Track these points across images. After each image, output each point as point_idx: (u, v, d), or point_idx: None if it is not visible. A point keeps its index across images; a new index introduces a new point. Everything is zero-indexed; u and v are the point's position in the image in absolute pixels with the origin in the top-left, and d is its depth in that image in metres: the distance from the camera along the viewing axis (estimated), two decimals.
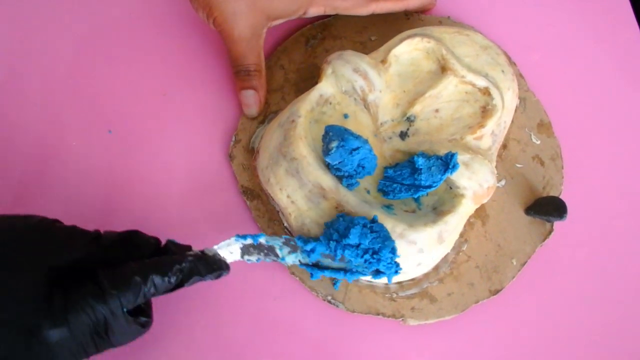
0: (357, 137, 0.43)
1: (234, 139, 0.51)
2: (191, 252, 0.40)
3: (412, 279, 0.47)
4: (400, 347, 0.47)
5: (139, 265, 0.37)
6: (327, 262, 0.42)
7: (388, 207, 0.45)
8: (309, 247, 0.42)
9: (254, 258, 0.42)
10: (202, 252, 0.40)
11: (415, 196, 0.45)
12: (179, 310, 0.47)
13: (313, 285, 0.47)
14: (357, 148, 0.43)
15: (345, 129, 0.44)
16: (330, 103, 0.47)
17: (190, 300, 0.47)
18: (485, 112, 0.47)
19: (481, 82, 0.47)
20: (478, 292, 0.48)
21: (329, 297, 0.47)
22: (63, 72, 0.52)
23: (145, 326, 0.38)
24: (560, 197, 0.50)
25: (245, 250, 0.41)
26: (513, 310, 0.48)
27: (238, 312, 0.47)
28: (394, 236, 0.42)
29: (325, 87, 0.46)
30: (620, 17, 0.57)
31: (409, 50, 0.48)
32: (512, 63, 0.54)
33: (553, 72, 0.55)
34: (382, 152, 0.47)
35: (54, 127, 0.50)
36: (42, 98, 0.51)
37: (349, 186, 0.44)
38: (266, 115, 0.51)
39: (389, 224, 0.43)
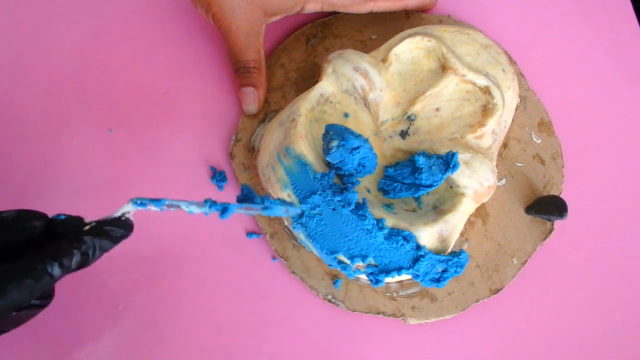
0: (358, 136, 0.43)
1: (234, 138, 0.51)
2: (87, 227, 0.36)
3: None
4: (400, 346, 0.47)
5: (32, 259, 0.33)
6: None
7: (388, 206, 0.45)
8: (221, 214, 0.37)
9: (156, 208, 0.37)
10: (98, 222, 0.36)
11: (416, 195, 0.45)
12: (179, 311, 0.47)
13: (313, 285, 0.47)
14: (358, 147, 0.43)
15: (346, 128, 0.44)
16: (331, 102, 0.47)
17: (190, 300, 0.47)
18: (486, 111, 0.47)
19: (482, 81, 0.47)
20: (478, 291, 0.48)
21: (330, 296, 0.47)
22: (63, 71, 0.52)
23: (42, 307, 0.36)
24: (561, 196, 0.50)
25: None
26: (513, 310, 0.48)
27: (238, 312, 0.47)
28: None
29: (326, 86, 0.46)
30: (620, 16, 0.57)
31: (409, 49, 0.48)
32: (512, 62, 0.54)
33: (554, 72, 0.55)
34: (383, 151, 0.47)
35: (54, 126, 0.50)
36: (42, 97, 0.51)
37: (351, 185, 0.44)
38: (266, 114, 0.51)
39: (389, 222, 0.43)
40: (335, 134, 0.43)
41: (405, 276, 0.46)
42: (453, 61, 0.47)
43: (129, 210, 0.37)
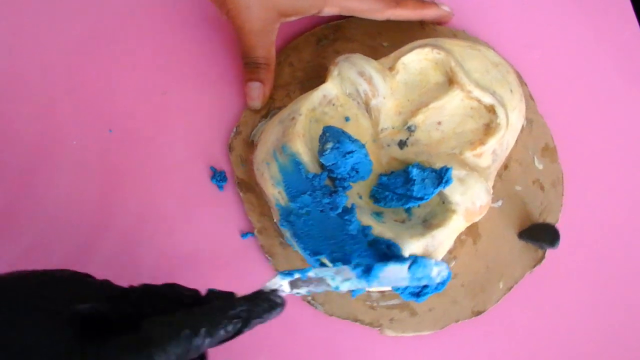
0: (354, 140, 0.43)
1: (235, 130, 0.51)
2: (239, 297, 0.36)
3: None
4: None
5: (188, 315, 0.33)
6: (387, 280, 0.39)
7: (378, 214, 0.45)
8: (365, 276, 0.38)
9: (303, 291, 0.38)
10: (252, 294, 0.36)
11: (406, 207, 0.45)
12: None
13: None
14: (352, 152, 0.43)
15: (343, 132, 0.44)
16: (333, 104, 0.47)
17: None
18: (488, 129, 0.46)
19: (487, 99, 0.46)
20: (460, 311, 0.47)
21: (309, 298, 0.47)
22: (63, 71, 0.51)
23: None
24: (557, 225, 0.48)
25: (293, 284, 0.38)
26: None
27: None
28: None
29: (330, 87, 0.46)
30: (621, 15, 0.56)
31: (418, 60, 0.47)
32: (523, 83, 0.53)
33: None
34: (379, 158, 0.47)
35: (54, 126, 0.50)
36: (42, 97, 0.51)
37: (342, 189, 0.44)
38: (270, 110, 0.51)
39: (375, 231, 0.42)
40: (331, 136, 0.43)
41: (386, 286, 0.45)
42: (460, 76, 0.46)
43: (278, 284, 0.37)
